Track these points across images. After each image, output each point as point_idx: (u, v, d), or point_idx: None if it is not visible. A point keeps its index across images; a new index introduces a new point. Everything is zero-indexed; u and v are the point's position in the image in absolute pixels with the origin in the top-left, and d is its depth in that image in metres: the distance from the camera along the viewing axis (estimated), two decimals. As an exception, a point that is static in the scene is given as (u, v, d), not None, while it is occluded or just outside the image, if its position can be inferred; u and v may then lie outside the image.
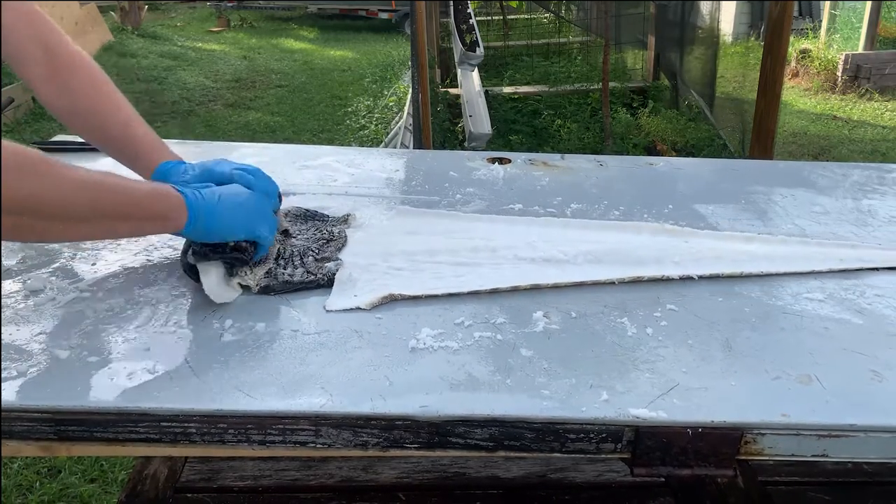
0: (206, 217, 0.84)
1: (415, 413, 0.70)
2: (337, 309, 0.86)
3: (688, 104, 5.51)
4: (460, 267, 0.96)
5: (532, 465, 1.36)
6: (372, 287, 0.90)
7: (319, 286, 0.91)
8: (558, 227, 1.10)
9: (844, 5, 7.56)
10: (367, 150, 1.58)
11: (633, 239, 1.06)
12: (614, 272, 0.95)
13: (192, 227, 0.83)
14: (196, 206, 0.83)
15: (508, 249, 1.01)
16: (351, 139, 5.66)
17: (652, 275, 0.95)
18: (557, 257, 1.00)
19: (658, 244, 1.05)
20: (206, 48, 9.14)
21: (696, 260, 1.00)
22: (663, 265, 0.98)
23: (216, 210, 0.85)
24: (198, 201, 0.83)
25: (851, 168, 1.47)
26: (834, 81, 6.97)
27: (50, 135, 4.12)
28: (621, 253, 1.01)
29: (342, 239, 1.03)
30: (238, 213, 0.87)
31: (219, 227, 0.85)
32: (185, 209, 0.82)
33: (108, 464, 2.14)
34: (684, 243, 1.05)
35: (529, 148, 4.82)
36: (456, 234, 1.06)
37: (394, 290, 0.89)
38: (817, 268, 1.00)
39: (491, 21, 8.20)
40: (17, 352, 0.76)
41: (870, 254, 1.05)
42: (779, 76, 2.68)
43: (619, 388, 0.74)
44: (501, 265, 0.97)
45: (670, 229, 1.10)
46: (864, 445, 0.72)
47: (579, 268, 0.97)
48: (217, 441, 0.71)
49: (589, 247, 1.02)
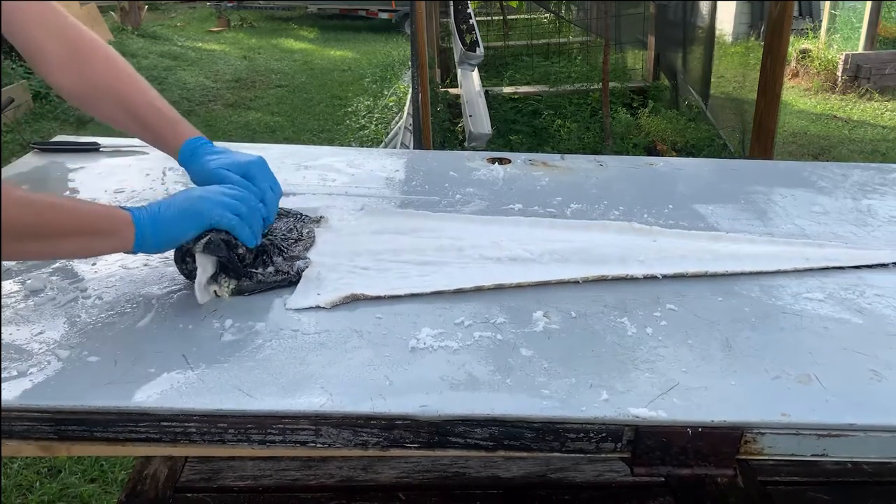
0: (151, 229, 0.83)
1: (415, 413, 0.70)
2: (298, 307, 0.86)
3: (688, 104, 5.51)
4: (426, 266, 0.96)
5: (532, 464, 1.37)
6: (336, 286, 0.90)
7: (291, 283, 0.91)
8: (526, 226, 1.10)
9: (844, 5, 7.56)
10: (367, 151, 1.58)
11: (600, 238, 1.06)
12: (579, 271, 0.96)
13: (141, 240, 0.83)
14: (140, 222, 0.82)
15: (475, 249, 1.01)
16: (351, 139, 5.66)
17: (616, 273, 0.96)
18: (523, 256, 1.00)
19: (625, 243, 1.05)
20: (206, 48, 9.14)
21: (661, 259, 1.00)
22: (628, 264, 0.99)
23: (158, 219, 0.84)
24: (142, 216, 0.83)
25: (851, 168, 1.47)
26: (834, 81, 6.97)
27: (50, 135, 4.10)
28: (587, 252, 1.02)
29: (311, 239, 1.02)
30: (180, 213, 0.85)
31: (166, 233, 0.84)
32: (130, 225, 0.82)
33: (108, 464, 2.14)
34: (652, 242, 1.05)
35: (529, 148, 4.82)
36: (424, 233, 1.06)
37: (356, 290, 0.89)
38: (783, 266, 1.00)
39: (491, 21, 8.20)
40: (17, 352, 0.76)
41: (836, 253, 1.05)
42: (779, 76, 2.68)
43: (619, 387, 0.74)
44: (467, 264, 0.97)
45: (638, 228, 1.10)
46: (864, 445, 0.72)
47: (545, 267, 0.97)
48: (217, 441, 0.71)
49: (555, 245, 1.03)
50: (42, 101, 5.90)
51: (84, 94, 0.99)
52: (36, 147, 1.37)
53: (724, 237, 1.09)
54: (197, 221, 0.86)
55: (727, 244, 1.07)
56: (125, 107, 0.99)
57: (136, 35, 8.85)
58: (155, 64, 7.73)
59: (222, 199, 0.89)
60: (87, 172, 1.28)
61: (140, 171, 1.29)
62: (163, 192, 1.20)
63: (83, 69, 0.97)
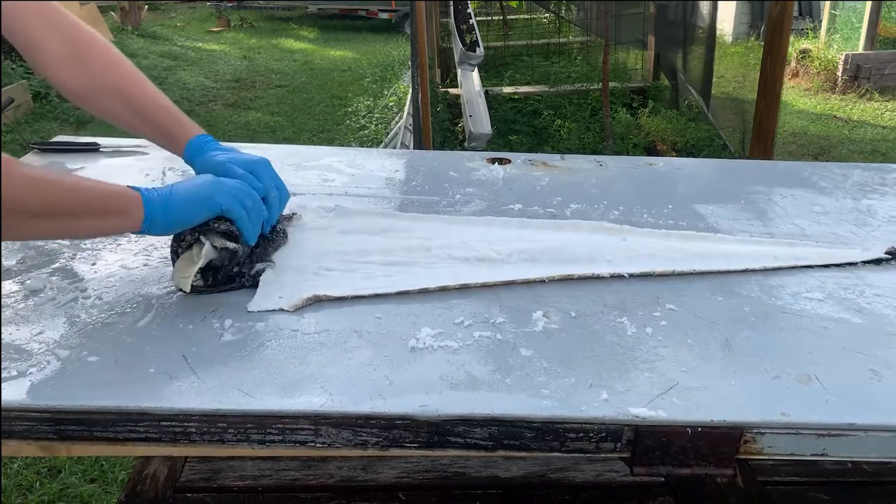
0: (161, 209, 0.83)
1: (414, 412, 0.70)
2: (259, 310, 0.86)
3: (688, 104, 5.51)
4: (391, 267, 0.96)
5: (532, 464, 1.37)
6: (299, 288, 0.89)
7: (243, 287, 0.90)
8: (498, 226, 1.10)
9: (844, 5, 7.56)
10: (367, 151, 1.58)
11: (571, 237, 1.06)
12: (547, 270, 0.96)
13: (150, 221, 0.83)
14: (150, 201, 0.83)
15: (443, 249, 1.01)
16: (351, 139, 5.66)
17: (582, 272, 0.96)
18: (491, 256, 1.00)
19: (595, 242, 1.05)
20: (206, 48, 9.14)
21: (630, 258, 1.00)
22: (596, 263, 0.99)
23: (169, 201, 0.84)
24: (152, 196, 0.83)
25: (851, 168, 1.47)
26: (834, 81, 6.97)
27: (50, 135, 4.10)
28: (556, 252, 1.01)
29: (283, 238, 1.01)
30: (191, 195, 0.86)
31: (176, 215, 0.85)
32: (140, 205, 0.82)
33: (108, 464, 2.14)
34: (622, 241, 1.05)
35: (529, 148, 4.82)
36: (394, 233, 1.06)
37: (319, 292, 0.88)
38: (751, 266, 1.00)
39: (491, 21, 8.20)
40: (17, 352, 0.76)
41: (806, 252, 1.05)
42: (779, 76, 2.68)
43: (619, 387, 0.74)
44: (435, 265, 0.97)
45: (609, 227, 1.10)
46: (864, 445, 0.72)
47: (513, 267, 0.97)
48: (217, 440, 0.71)
49: (524, 245, 1.03)
50: (42, 101, 5.91)
51: (86, 91, 0.99)
52: (36, 147, 1.37)
53: (694, 236, 1.09)
54: (207, 206, 0.87)
55: (697, 243, 1.07)
56: (128, 104, 0.99)
57: (136, 35, 8.85)
58: (155, 64, 7.73)
59: (232, 187, 0.89)
60: (87, 173, 1.28)
61: (140, 171, 1.29)
62: (163, 192, 1.20)
63: (84, 67, 0.97)
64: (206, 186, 0.88)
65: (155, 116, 1.00)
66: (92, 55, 0.98)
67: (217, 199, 0.87)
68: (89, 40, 0.98)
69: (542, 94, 5.81)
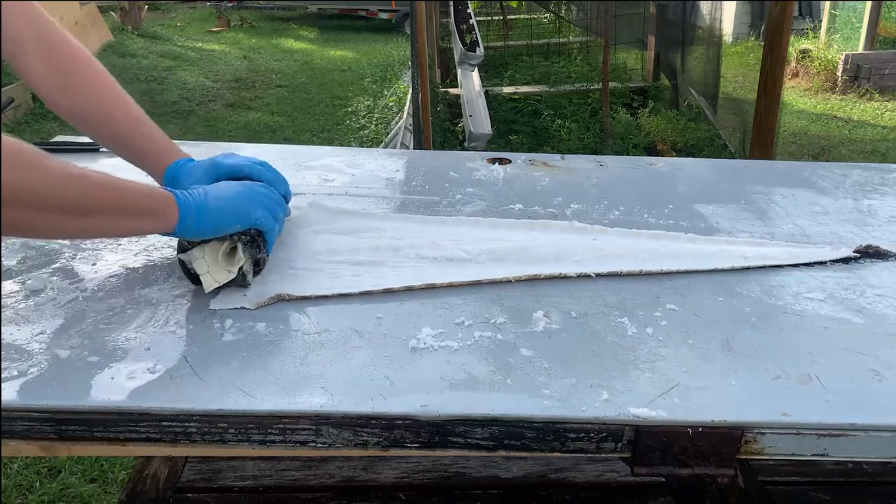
0: (195, 214, 0.83)
1: (415, 412, 0.70)
2: (223, 308, 0.85)
3: (688, 104, 5.51)
4: (359, 266, 0.96)
5: (532, 464, 1.37)
6: (265, 287, 0.89)
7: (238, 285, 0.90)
8: (469, 226, 1.09)
9: (844, 5, 7.56)
10: (367, 151, 1.58)
11: (540, 237, 1.06)
12: (514, 270, 0.96)
13: (183, 224, 0.83)
14: (185, 205, 0.83)
15: (412, 249, 1.01)
16: (351, 139, 5.66)
17: (548, 272, 0.96)
18: (460, 256, 0.99)
19: (564, 242, 1.04)
20: (206, 48, 9.14)
21: (598, 258, 1.00)
22: (563, 263, 0.98)
23: (205, 206, 0.84)
24: (187, 199, 0.83)
25: (851, 168, 1.47)
26: (834, 81, 6.97)
27: (50, 135, 4.10)
28: (524, 251, 1.01)
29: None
30: (228, 205, 0.86)
31: (209, 222, 0.85)
32: (175, 207, 0.82)
33: (108, 464, 2.14)
34: (592, 241, 1.05)
35: (529, 148, 4.82)
36: (365, 233, 1.05)
37: (283, 291, 0.88)
38: (719, 265, 1.00)
39: (491, 21, 8.20)
40: (17, 352, 0.76)
41: (775, 251, 1.05)
42: (779, 76, 2.68)
43: (620, 387, 0.74)
44: (402, 265, 0.97)
45: (580, 227, 1.09)
46: (864, 445, 0.72)
47: (480, 266, 0.97)
48: (217, 441, 0.71)
49: (493, 245, 1.02)
50: (42, 101, 5.90)
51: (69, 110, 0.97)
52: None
53: (665, 236, 1.09)
54: (241, 220, 0.87)
55: (668, 243, 1.06)
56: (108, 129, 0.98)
57: (137, 35, 8.85)
58: (155, 64, 7.74)
59: (265, 198, 0.90)
60: (88, 172, 1.28)
61: (140, 171, 1.29)
62: (163, 192, 1.19)
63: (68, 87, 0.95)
64: (240, 198, 0.88)
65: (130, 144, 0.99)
66: (76, 77, 0.96)
67: (252, 214, 0.88)
68: (75, 60, 0.96)
69: (543, 94, 5.81)
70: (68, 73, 0.95)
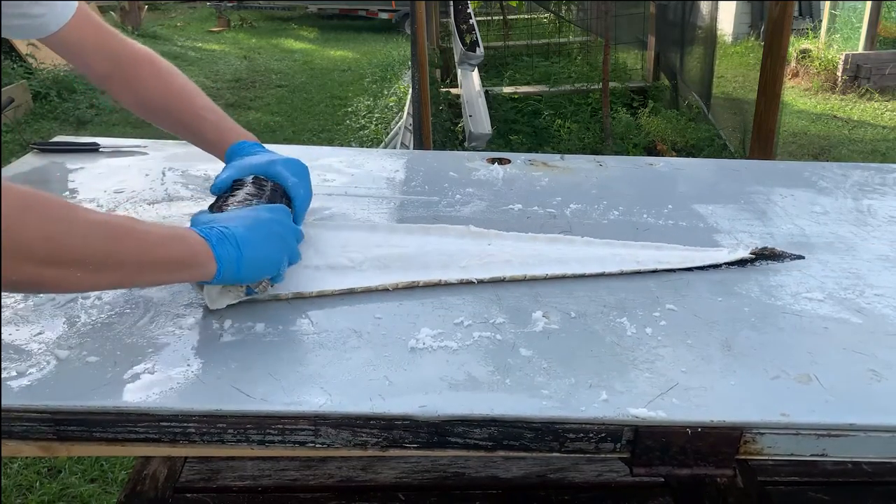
0: (233, 269, 0.79)
1: (414, 413, 0.70)
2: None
3: (688, 104, 5.52)
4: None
5: (531, 465, 1.37)
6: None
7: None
8: (364, 230, 1.06)
9: (844, 5, 7.56)
10: (367, 151, 1.58)
11: (433, 241, 1.03)
12: (395, 278, 0.93)
13: (221, 278, 0.79)
14: (223, 261, 0.78)
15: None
16: (351, 139, 5.66)
17: (427, 279, 0.93)
18: (343, 264, 0.96)
19: (454, 248, 1.02)
20: (206, 48, 9.15)
21: (484, 264, 0.98)
22: (448, 270, 0.96)
23: (242, 262, 0.80)
24: (223, 253, 0.78)
25: (851, 168, 1.47)
26: (834, 81, 6.97)
27: (50, 135, 4.10)
28: (410, 258, 0.98)
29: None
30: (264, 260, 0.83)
31: (248, 275, 0.82)
32: (210, 255, 0.77)
33: (108, 464, 2.14)
34: (487, 245, 1.03)
35: (529, 148, 4.82)
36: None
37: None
38: (609, 269, 0.98)
39: (491, 21, 8.20)
40: (17, 352, 0.76)
41: (669, 255, 1.03)
42: (779, 76, 2.68)
43: (619, 387, 0.74)
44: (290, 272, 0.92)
45: (476, 231, 1.06)
46: (864, 445, 0.72)
47: (363, 274, 0.94)
48: (216, 441, 0.71)
49: (381, 252, 0.99)
50: (42, 101, 5.91)
51: (135, 105, 1.07)
52: (36, 147, 1.37)
53: (561, 240, 1.06)
54: (272, 271, 0.85)
55: (562, 247, 1.04)
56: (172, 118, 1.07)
57: (137, 35, 8.84)
58: (155, 64, 7.72)
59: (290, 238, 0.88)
60: (87, 173, 1.28)
61: (140, 171, 1.29)
62: (162, 192, 1.20)
63: (129, 84, 1.05)
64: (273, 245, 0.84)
65: (195, 131, 1.07)
66: (136, 73, 1.05)
67: (282, 263, 0.86)
68: (134, 58, 1.05)
69: (543, 94, 5.82)
70: (129, 74, 1.05)
